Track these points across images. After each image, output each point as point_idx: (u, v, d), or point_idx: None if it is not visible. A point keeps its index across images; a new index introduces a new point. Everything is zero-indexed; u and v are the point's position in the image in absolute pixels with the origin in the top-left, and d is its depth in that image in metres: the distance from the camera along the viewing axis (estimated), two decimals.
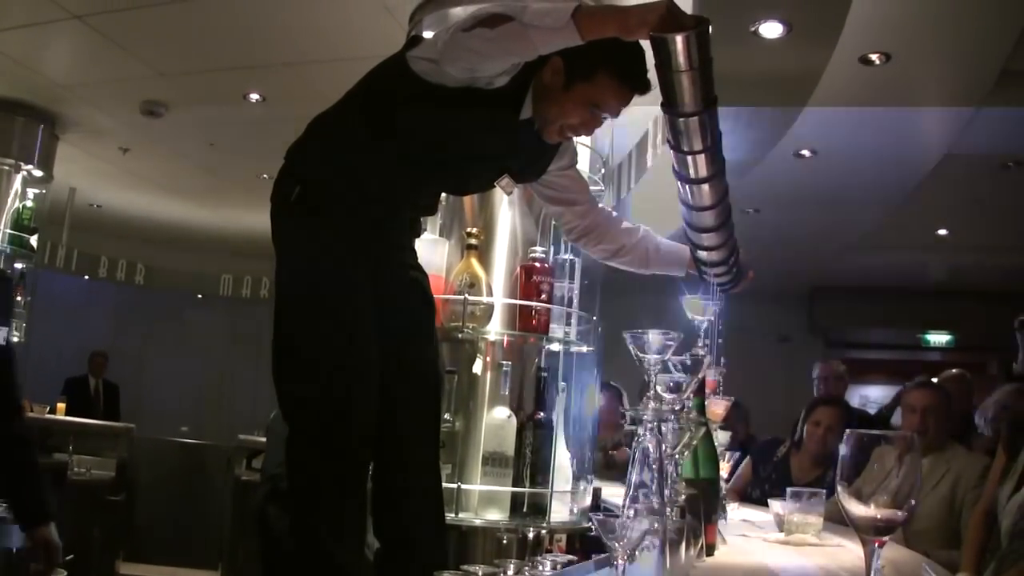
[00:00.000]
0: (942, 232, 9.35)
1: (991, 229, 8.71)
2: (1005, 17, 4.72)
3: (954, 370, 6.25)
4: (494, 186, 2.67)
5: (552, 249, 3.26)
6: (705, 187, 2.37)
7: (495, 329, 3.10)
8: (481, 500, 2.99)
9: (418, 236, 2.73)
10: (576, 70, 2.31)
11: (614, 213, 2.99)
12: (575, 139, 2.68)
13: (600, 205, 2.94)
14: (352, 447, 2.32)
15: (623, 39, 2.03)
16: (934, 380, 5.05)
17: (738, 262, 2.83)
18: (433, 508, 2.57)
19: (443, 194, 3.25)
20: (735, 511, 3.70)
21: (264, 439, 7.07)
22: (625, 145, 5.68)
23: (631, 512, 1.69)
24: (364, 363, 2.35)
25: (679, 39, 1.90)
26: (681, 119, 2.14)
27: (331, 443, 2.30)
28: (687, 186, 2.39)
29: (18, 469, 3.21)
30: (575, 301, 3.25)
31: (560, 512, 3.11)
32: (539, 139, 2.48)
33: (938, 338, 12.43)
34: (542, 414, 3.05)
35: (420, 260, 2.71)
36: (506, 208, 3.23)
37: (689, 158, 2.27)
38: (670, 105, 2.12)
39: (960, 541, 4.06)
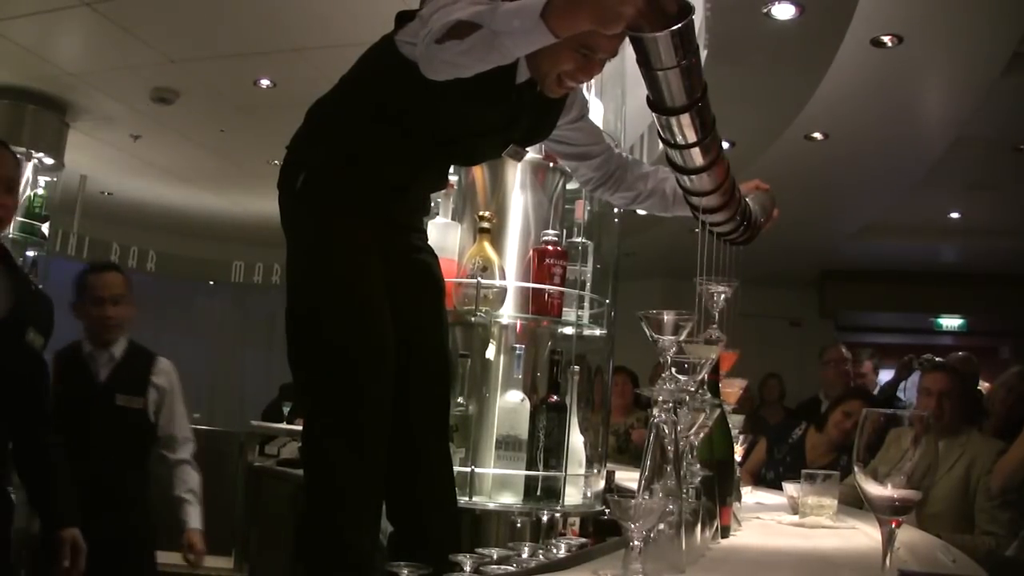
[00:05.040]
0: (954, 215, 9.34)
1: (1003, 212, 8.71)
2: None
3: (960, 352, 6.26)
4: (501, 155, 2.66)
5: (565, 232, 3.25)
6: (704, 176, 2.32)
7: (508, 313, 3.08)
8: (495, 484, 2.98)
9: (427, 214, 2.71)
10: None
11: (630, 157, 2.95)
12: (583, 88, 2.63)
13: (616, 151, 2.91)
14: (371, 434, 2.31)
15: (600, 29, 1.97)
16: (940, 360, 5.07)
17: (751, 221, 2.76)
18: (445, 493, 2.57)
19: (455, 176, 3.26)
20: (749, 494, 3.69)
21: (276, 424, 7.10)
22: (638, 127, 5.66)
23: (647, 494, 1.69)
24: (380, 348, 2.34)
25: (658, 38, 1.83)
26: (672, 117, 2.07)
27: (350, 431, 2.29)
28: (685, 176, 2.35)
29: (45, 476, 3.28)
30: (588, 284, 3.25)
31: (573, 496, 3.11)
32: (542, 97, 2.43)
33: (950, 322, 12.43)
34: (555, 397, 3.04)
35: (432, 243, 2.70)
36: (518, 191, 3.22)
37: (684, 152, 2.21)
38: (657, 103, 2.05)
39: (973, 525, 4.06)
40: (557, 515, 2.94)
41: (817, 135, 6.73)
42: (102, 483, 3.84)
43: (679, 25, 1.82)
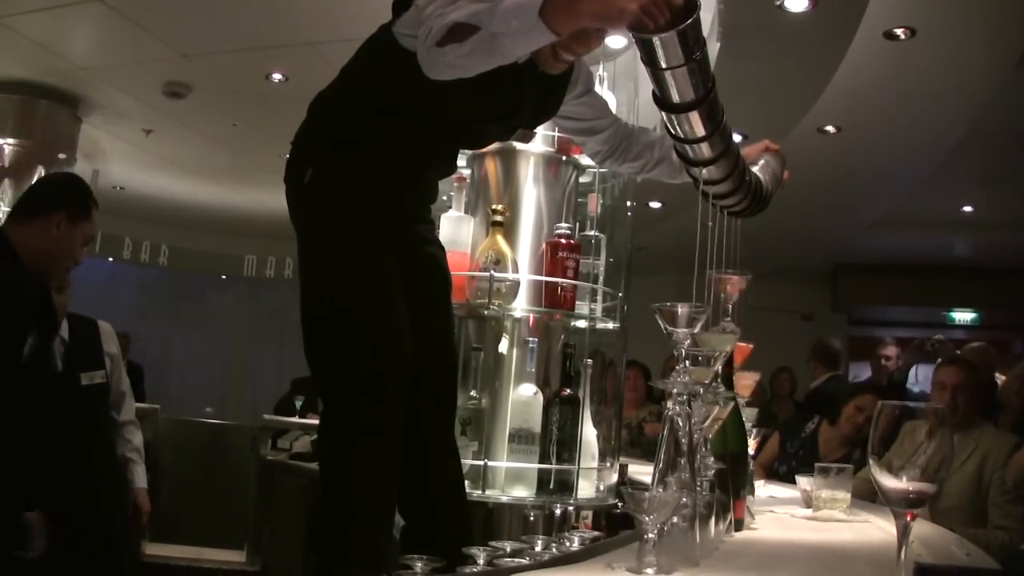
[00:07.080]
0: (967, 209, 9.31)
1: (1016, 206, 8.66)
2: None
3: (976, 343, 6.22)
4: (510, 138, 2.63)
5: (578, 226, 3.25)
6: (713, 167, 2.31)
7: (521, 306, 3.09)
8: (508, 477, 2.99)
9: (434, 203, 2.70)
10: None
11: (636, 126, 2.92)
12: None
13: (623, 121, 2.87)
14: (387, 429, 2.31)
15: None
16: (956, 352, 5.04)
17: (762, 193, 2.72)
18: (454, 485, 2.57)
19: (467, 170, 3.25)
20: (762, 487, 3.69)
21: (289, 418, 7.11)
22: (651, 119, 5.66)
23: (661, 486, 1.69)
24: (398, 344, 2.34)
25: (664, 39, 1.80)
26: (681, 114, 2.05)
27: (366, 425, 2.29)
28: (694, 168, 2.33)
29: None
30: (601, 278, 3.25)
31: (587, 489, 3.11)
32: (546, 76, 2.40)
33: (963, 316, 12.39)
34: (568, 391, 3.04)
35: (445, 236, 2.70)
36: (531, 185, 3.22)
37: (694, 146, 2.20)
38: (664, 101, 2.03)
39: (986, 520, 4.05)
40: (570, 508, 2.94)
41: (830, 128, 6.71)
42: (90, 466, 3.69)
43: (684, 25, 1.79)
